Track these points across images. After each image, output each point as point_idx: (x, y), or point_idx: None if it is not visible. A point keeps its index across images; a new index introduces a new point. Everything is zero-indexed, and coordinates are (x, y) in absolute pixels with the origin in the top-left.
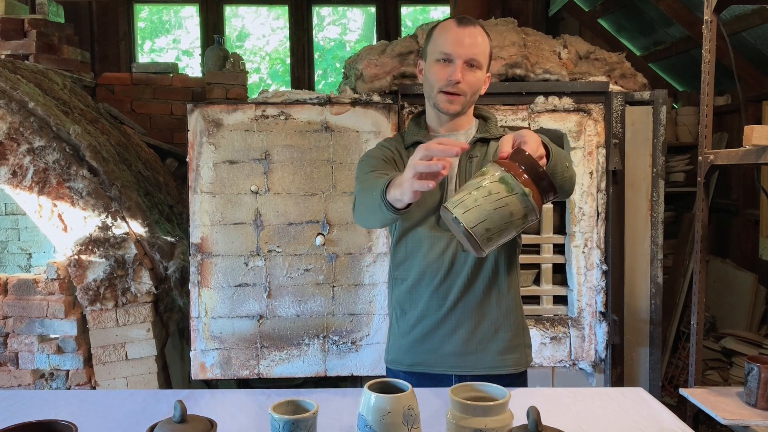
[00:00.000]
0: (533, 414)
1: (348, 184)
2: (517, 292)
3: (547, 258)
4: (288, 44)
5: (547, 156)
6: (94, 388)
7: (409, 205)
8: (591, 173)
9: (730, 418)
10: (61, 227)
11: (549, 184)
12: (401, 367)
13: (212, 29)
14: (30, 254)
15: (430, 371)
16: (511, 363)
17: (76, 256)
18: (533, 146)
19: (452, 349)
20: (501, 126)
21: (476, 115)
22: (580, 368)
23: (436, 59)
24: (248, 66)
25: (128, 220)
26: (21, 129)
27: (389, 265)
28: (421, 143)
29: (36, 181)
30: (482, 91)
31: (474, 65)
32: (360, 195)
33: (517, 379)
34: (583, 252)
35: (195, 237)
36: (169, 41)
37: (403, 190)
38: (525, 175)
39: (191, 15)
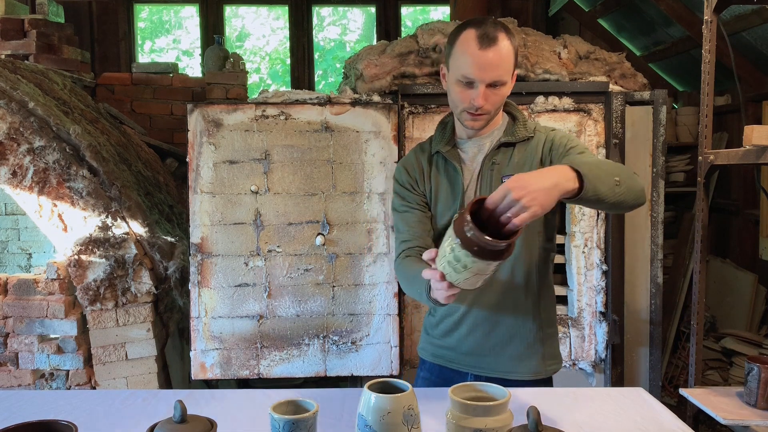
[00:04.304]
0: (533, 414)
1: (348, 184)
2: (537, 302)
3: None
4: (288, 44)
5: (581, 182)
6: (94, 388)
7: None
8: None
9: (730, 418)
10: (61, 227)
11: (492, 253)
12: (427, 357)
13: (212, 29)
14: (30, 254)
15: (449, 366)
16: (525, 370)
17: (76, 256)
18: (495, 198)
19: (469, 350)
20: (532, 126)
21: (506, 111)
22: (580, 368)
23: (458, 80)
24: (248, 66)
25: (128, 220)
26: (21, 129)
27: None
28: (442, 154)
29: (36, 181)
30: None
31: (498, 85)
32: (400, 272)
33: (536, 386)
34: (583, 252)
35: (195, 237)
36: (169, 41)
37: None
38: (474, 247)
39: (191, 15)
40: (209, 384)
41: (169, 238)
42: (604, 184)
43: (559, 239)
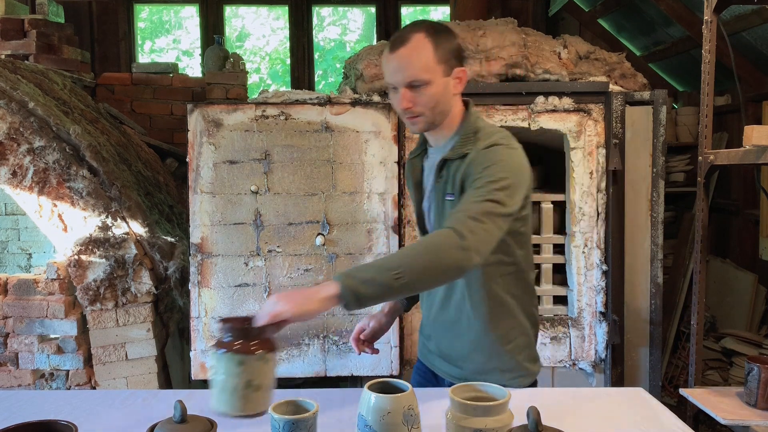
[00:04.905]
0: (533, 414)
1: (348, 184)
2: (487, 320)
3: (547, 258)
4: (288, 44)
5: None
6: (94, 388)
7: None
8: (591, 173)
9: (730, 418)
10: (61, 227)
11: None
12: (419, 355)
13: (212, 29)
14: (30, 254)
15: (431, 367)
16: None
17: (76, 256)
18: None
19: (440, 355)
20: (482, 139)
21: (467, 126)
22: (580, 368)
23: (389, 88)
24: (248, 66)
25: (128, 220)
26: (21, 129)
27: None
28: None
29: (36, 181)
30: (455, 91)
31: (417, 85)
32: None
33: None
34: (583, 252)
35: (195, 237)
36: (169, 41)
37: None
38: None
39: (191, 15)
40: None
41: (169, 238)
42: (377, 286)
43: (559, 239)
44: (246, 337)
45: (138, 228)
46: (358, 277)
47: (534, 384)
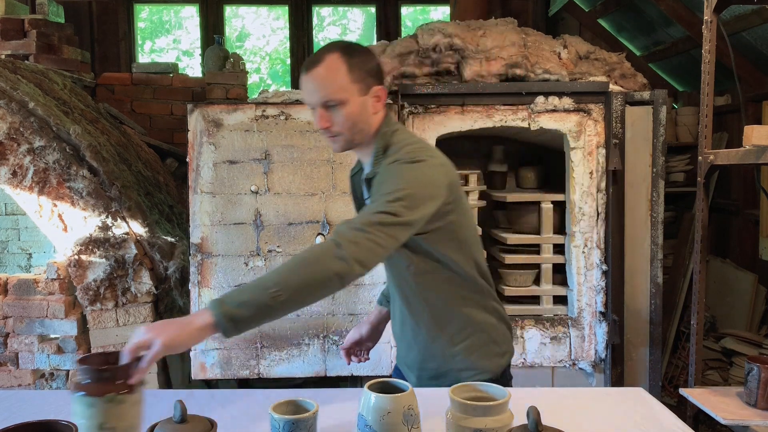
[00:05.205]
0: (533, 414)
1: (348, 184)
2: (432, 325)
3: (547, 258)
4: (288, 44)
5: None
6: None
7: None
8: (591, 173)
9: (730, 418)
10: (61, 227)
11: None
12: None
13: (212, 29)
14: (30, 254)
15: (403, 373)
16: (446, 386)
17: (76, 256)
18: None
19: (404, 363)
20: (391, 155)
21: (378, 144)
22: (580, 368)
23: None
24: (248, 66)
25: (128, 220)
26: (21, 129)
27: None
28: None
29: (36, 181)
30: (375, 110)
31: (333, 104)
32: None
33: None
34: (583, 252)
35: (195, 237)
36: (169, 41)
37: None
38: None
39: (191, 15)
40: (209, 384)
41: (169, 238)
42: (255, 308)
43: (559, 239)
44: (110, 377)
45: (138, 228)
46: (234, 301)
47: (497, 379)
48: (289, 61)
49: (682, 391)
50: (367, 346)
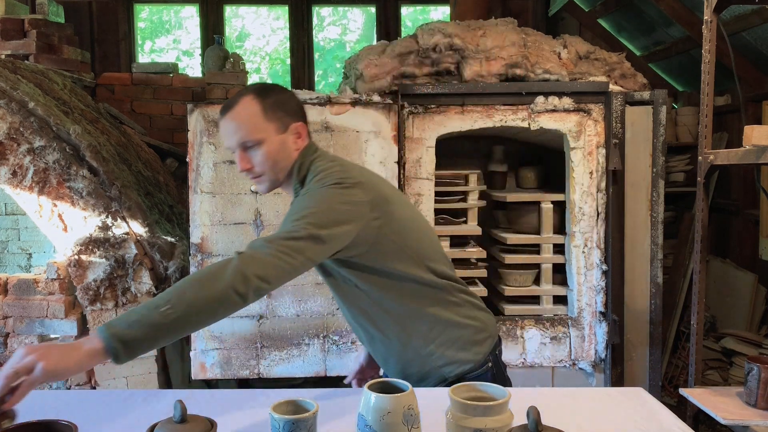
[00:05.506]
0: (533, 414)
1: None
2: (400, 335)
3: (547, 258)
4: (288, 44)
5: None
6: (94, 388)
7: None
8: (591, 173)
9: (730, 418)
10: (61, 227)
11: None
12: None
13: (212, 29)
14: (30, 254)
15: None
16: (432, 384)
17: (76, 256)
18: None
19: (387, 371)
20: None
21: (294, 178)
22: (580, 368)
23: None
24: (248, 66)
25: (128, 220)
26: (21, 129)
27: None
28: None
29: (36, 181)
30: (297, 146)
31: (250, 145)
32: None
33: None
34: (583, 252)
35: (195, 237)
36: (169, 41)
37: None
38: None
39: (191, 15)
40: (209, 384)
41: (169, 238)
42: (146, 327)
43: (559, 239)
44: None
45: (138, 228)
46: (123, 322)
47: (485, 365)
48: (289, 61)
49: (682, 391)
50: (371, 375)
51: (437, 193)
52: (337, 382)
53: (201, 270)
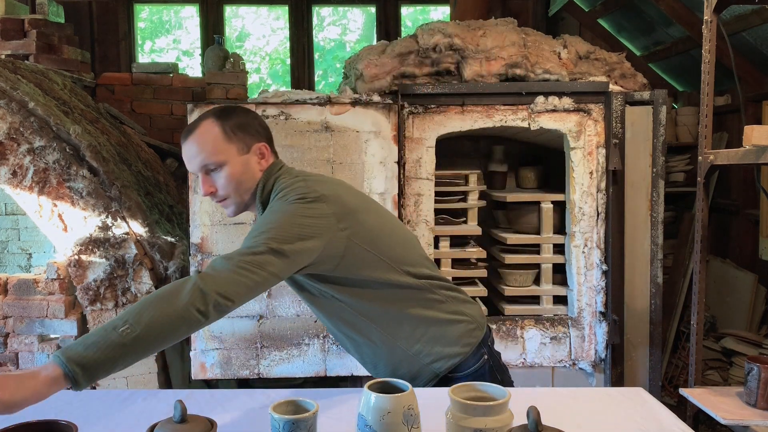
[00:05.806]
0: (533, 414)
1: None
2: (386, 339)
3: (547, 258)
4: (288, 44)
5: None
6: (94, 388)
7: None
8: (591, 173)
9: (730, 418)
10: (61, 227)
11: None
12: None
13: (212, 29)
14: (30, 254)
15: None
16: (424, 381)
17: (76, 256)
18: None
19: (378, 375)
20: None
21: (258, 199)
22: (580, 368)
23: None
24: (248, 66)
25: (128, 220)
26: (21, 129)
27: None
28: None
29: (36, 181)
30: (261, 167)
31: (212, 168)
32: None
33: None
34: (583, 252)
35: (195, 237)
36: (169, 41)
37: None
38: None
39: (191, 15)
40: (209, 384)
41: (169, 238)
42: (104, 348)
43: (559, 239)
44: None
45: (138, 228)
46: (79, 345)
47: (476, 354)
48: (289, 61)
49: (682, 391)
50: None
51: (437, 193)
52: (337, 382)
53: (159, 289)
